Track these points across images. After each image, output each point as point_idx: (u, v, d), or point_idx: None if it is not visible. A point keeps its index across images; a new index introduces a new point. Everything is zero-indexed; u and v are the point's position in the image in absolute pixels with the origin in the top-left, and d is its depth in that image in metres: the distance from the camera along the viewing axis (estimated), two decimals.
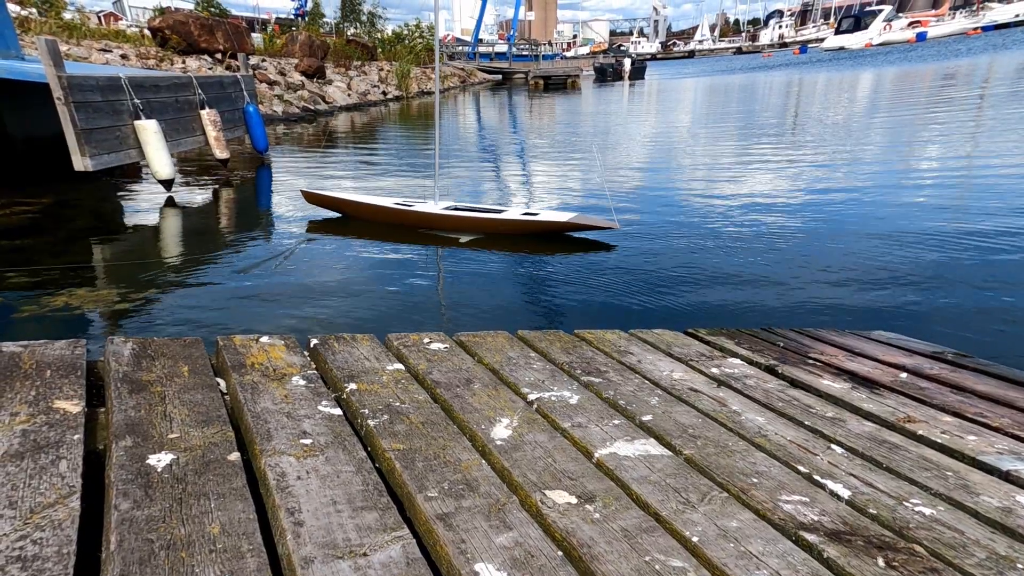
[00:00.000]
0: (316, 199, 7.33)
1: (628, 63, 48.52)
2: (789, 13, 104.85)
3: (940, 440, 1.86)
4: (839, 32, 70.70)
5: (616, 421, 1.84)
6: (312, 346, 2.13)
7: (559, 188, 9.43)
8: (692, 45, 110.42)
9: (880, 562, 1.29)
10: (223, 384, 1.85)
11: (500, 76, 53.32)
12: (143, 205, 8.28)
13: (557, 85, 42.65)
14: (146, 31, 24.08)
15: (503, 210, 6.73)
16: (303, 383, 1.84)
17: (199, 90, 9.78)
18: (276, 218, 7.68)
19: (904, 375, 2.43)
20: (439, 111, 7.00)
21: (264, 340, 2.10)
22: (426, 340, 2.31)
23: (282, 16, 52.87)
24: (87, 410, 1.54)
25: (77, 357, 1.77)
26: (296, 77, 23.96)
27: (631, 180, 9.65)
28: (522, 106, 29.02)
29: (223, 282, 5.25)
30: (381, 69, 33.50)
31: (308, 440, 1.53)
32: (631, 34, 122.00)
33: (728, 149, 12.65)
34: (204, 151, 10.53)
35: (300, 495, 1.31)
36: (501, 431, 1.70)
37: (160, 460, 1.37)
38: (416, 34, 40.88)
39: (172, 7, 27.28)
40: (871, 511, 1.48)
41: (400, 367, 2.04)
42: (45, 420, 1.46)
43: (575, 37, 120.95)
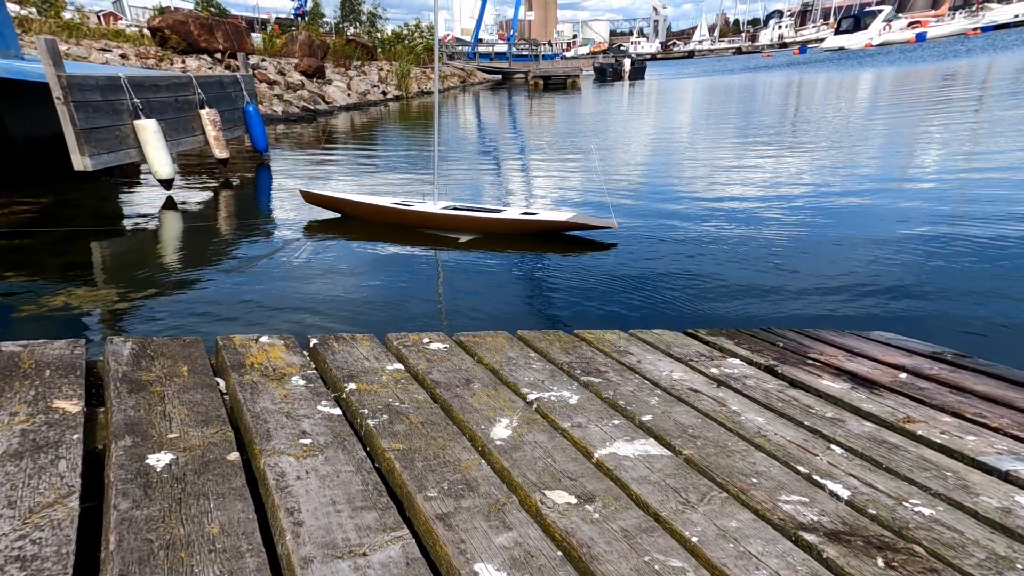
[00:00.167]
0: (315, 199, 7.33)
1: (628, 63, 48.52)
2: (789, 13, 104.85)
3: (939, 440, 1.86)
4: (839, 32, 70.70)
5: (616, 421, 1.84)
6: (312, 346, 2.12)
7: (558, 188, 9.43)
8: (692, 45, 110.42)
9: (879, 562, 1.29)
10: (222, 384, 1.85)
11: (500, 76, 53.31)
12: (143, 205, 8.28)
13: (557, 85, 42.67)
14: (146, 31, 24.08)
15: (502, 210, 6.73)
16: (303, 383, 1.84)
17: (199, 90, 9.77)
18: (275, 218, 7.67)
19: (904, 375, 2.44)
20: (438, 111, 7.00)
21: (264, 340, 2.09)
22: (426, 340, 2.31)
23: (282, 16, 52.90)
24: (86, 410, 1.54)
25: (76, 357, 1.77)
26: (296, 77, 23.95)
27: (630, 180, 9.64)
28: (522, 106, 29.01)
29: (222, 282, 5.25)
30: (381, 69, 33.49)
31: (307, 440, 1.53)
32: (631, 34, 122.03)
33: (728, 149, 12.64)
34: (204, 151, 10.53)
35: (299, 495, 1.31)
36: (501, 431, 1.70)
37: (159, 460, 1.37)
38: (416, 34, 40.89)
39: (172, 7, 27.26)
40: (871, 511, 1.48)
41: (400, 367, 2.04)
42: (44, 420, 1.45)
43: (575, 37, 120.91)
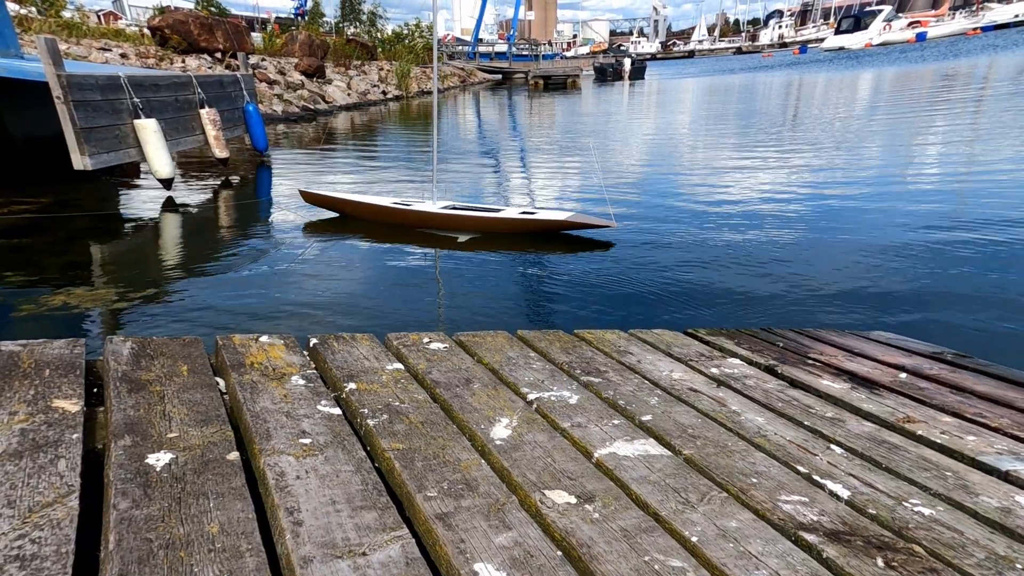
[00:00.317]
0: (314, 199, 7.33)
1: (628, 63, 48.50)
2: (789, 13, 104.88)
3: (939, 440, 1.86)
4: (839, 32, 70.69)
5: (616, 421, 1.84)
6: (311, 345, 2.12)
7: (557, 187, 9.44)
8: (692, 45, 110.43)
9: (879, 562, 1.29)
10: (222, 383, 1.84)
11: (500, 76, 53.31)
12: (142, 204, 8.28)
13: (557, 85, 42.65)
14: (146, 30, 24.07)
15: (501, 209, 6.73)
16: (302, 383, 1.83)
17: (199, 89, 9.77)
18: (275, 218, 7.67)
19: (903, 375, 2.43)
20: (438, 111, 7.00)
21: (263, 339, 2.09)
22: (426, 340, 2.31)
23: (282, 15, 52.81)
24: (86, 409, 1.54)
25: (76, 356, 1.77)
26: (296, 76, 23.95)
27: (630, 180, 9.64)
28: (521, 106, 29.00)
29: (222, 281, 5.24)
30: (381, 69, 33.48)
31: (307, 440, 1.52)
32: (631, 34, 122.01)
33: (727, 149, 12.64)
34: (204, 150, 10.52)
35: (299, 495, 1.31)
36: (500, 431, 1.70)
37: (159, 459, 1.37)
38: (416, 34, 40.90)
39: (172, 6, 27.27)
40: (870, 511, 1.48)
41: (399, 367, 2.04)
42: (44, 419, 1.45)
43: (575, 37, 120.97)
